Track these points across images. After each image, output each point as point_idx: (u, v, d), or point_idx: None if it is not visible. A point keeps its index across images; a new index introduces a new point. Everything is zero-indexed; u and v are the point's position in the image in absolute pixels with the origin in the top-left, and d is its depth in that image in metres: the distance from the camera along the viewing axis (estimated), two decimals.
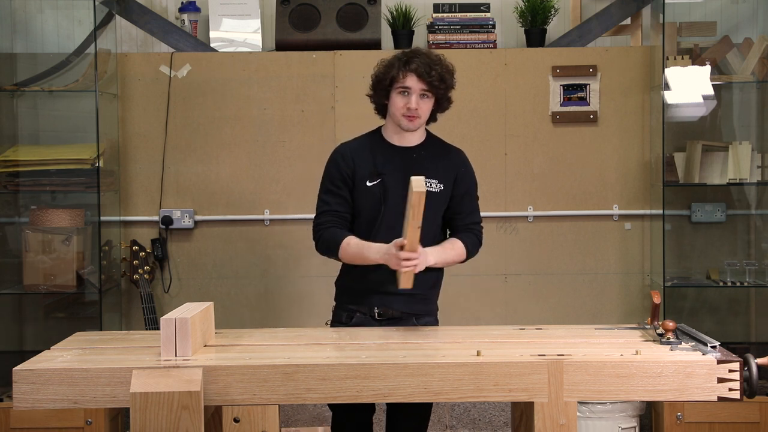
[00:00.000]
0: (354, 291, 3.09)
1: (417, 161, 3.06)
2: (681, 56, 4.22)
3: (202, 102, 4.35)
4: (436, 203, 3.05)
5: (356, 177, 3.03)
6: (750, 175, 4.22)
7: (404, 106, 2.99)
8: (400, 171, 3.03)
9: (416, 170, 3.01)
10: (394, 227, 2.97)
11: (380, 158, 3.05)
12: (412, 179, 2.64)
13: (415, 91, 2.97)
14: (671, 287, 4.22)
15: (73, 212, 4.22)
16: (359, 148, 3.09)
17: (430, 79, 2.95)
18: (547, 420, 2.41)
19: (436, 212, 3.08)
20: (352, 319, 3.09)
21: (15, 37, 4.45)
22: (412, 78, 2.96)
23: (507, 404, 4.18)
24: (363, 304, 3.08)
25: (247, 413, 2.46)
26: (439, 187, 3.06)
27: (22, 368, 2.40)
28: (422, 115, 3.01)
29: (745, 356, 2.43)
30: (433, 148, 3.12)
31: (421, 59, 2.97)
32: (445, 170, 3.08)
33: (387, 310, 3.07)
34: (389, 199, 3.02)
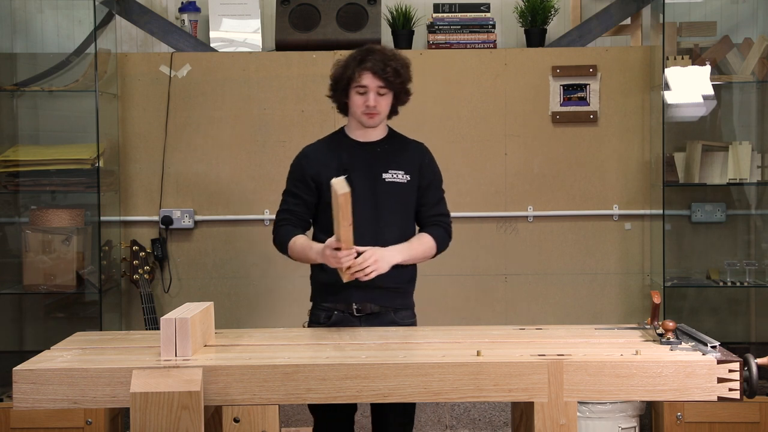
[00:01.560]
0: (330, 288, 3.09)
1: (381, 155, 3.12)
2: (681, 56, 4.22)
3: (202, 102, 4.35)
4: (405, 194, 3.11)
5: (322, 176, 3.08)
6: (750, 175, 4.22)
7: (363, 104, 3.05)
8: (365, 165, 3.09)
9: (381, 163, 3.09)
10: (365, 220, 3.01)
11: (345, 155, 3.11)
12: (332, 182, 2.70)
13: (371, 89, 3.03)
14: (671, 287, 4.22)
15: (73, 212, 4.22)
16: (323, 148, 3.17)
17: (385, 75, 3.01)
18: (547, 420, 2.41)
19: (407, 203, 3.13)
20: (331, 318, 3.10)
21: (15, 37, 4.45)
22: (368, 76, 3.02)
23: (507, 404, 4.18)
24: (340, 301, 3.09)
25: (247, 413, 2.45)
26: (406, 178, 3.11)
27: (22, 368, 2.40)
28: (381, 111, 3.07)
29: (745, 356, 2.43)
30: (396, 142, 3.18)
31: (376, 57, 3.02)
32: (409, 161, 3.14)
33: (366, 305, 3.08)
34: (356, 193, 3.02)
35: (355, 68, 3.03)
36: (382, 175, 3.09)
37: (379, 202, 3.06)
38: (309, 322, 3.20)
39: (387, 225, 3.06)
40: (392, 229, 3.07)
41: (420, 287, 3.23)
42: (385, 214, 3.07)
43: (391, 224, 3.07)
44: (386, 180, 3.08)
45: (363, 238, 2.98)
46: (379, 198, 3.06)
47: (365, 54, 3.04)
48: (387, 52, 3.06)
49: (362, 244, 2.97)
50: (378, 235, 3.03)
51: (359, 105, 3.05)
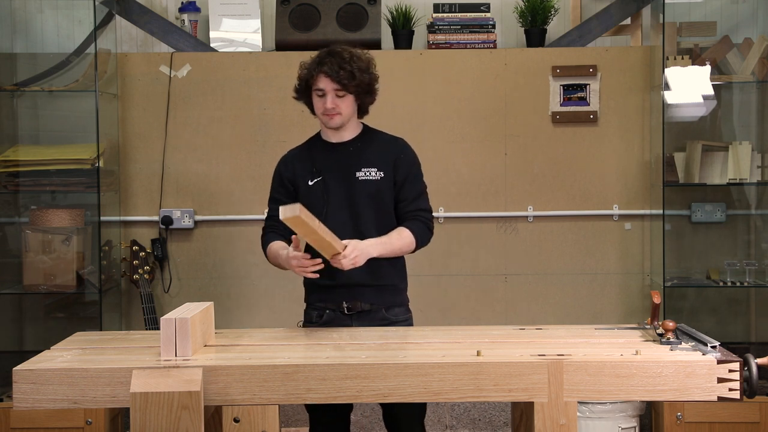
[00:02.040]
0: (321, 288, 3.11)
1: (353, 154, 3.13)
2: (681, 56, 4.22)
3: (202, 102, 4.35)
4: (380, 191, 3.11)
5: (298, 180, 3.14)
6: (750, 175, 4.22)
7: (322, 107, 3.07)
8: (338, 166, 3.12)
9: (353, 162, 3.11)
10: (342, 220, 3.05)
11: (319, 157, 3.15)
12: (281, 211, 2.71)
13: (328, 91, 3.05)
14: (671, 287, 4.22)
15: (73, 212, 4.22)
16: (300, 152, 3.22)
17: (339, 78, 3.01)
18: (547, 420, 2.41)
19: (383, 200, 3.12)
20: (323, 317, 3.12)
21: (15, 37, 4.46)
22: (324, 79, 3.04)
23: (507, 404, 4.18)
24: (330, 300, 3.11)
25: (247, 413, 2.45)
26: (379, 175, 3.11)
27: (22, 368, 2.40)
28: (343, 111, 3.07)
29: (745, 356, 2.43)
30: (368, 139, 3.18)
31: (333, 59, 3.03)
32: (382, 157, 3.13)
33: (356, 304, 3.08)
34: (331, 194, 3.09)
35: (312, 71, 3.06)
36: (355, 174, 3.10)
37: (355, 201, 3.08)
38: (303, 322, 3.21)
39: (365, 223, 3.07)
40: (370, 227, 3.08)
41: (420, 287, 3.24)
42: (363, 213, 3.08)
43: (368, 222, 3.08)
44: (360, 178, 3.09)
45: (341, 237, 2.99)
46: (354, 197, 3.08)
47: (323, 56, 3.06)
48: (345, 54, 3.06)
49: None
50: (357, 235, 3.04)
51: (319, 107, 3.09)
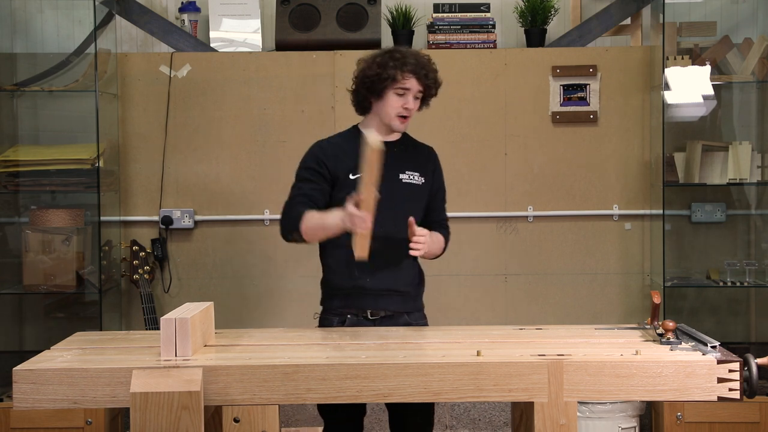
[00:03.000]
0: (345, 293, 3.06)
1: (397, 156, 3.08)
2: (681, 56, 4.22)
3: (202, 102, 4.35)
4: (419, 196, 3.10)
5: (339, 170, 3.03)
6: (750, 175, 4.22)
7: (401, 107, 3.00)
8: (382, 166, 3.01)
9: (397, 164, 3.06)
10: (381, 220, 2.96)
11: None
12: (367, 136, 2.66)
13: (413, 92, 3.00)
14: (671, 287, 4.22)
15: (73, 212, 4.22)
16: (340, 143, 3.11)
17: (427, 81, 2.99)
18: (547, 420, 2.41)
19: (419, 205, 3.11)
20: (345, 322, 3.06)
21: (15, 37, 4.46)
22: (412, 80, 2.98)
23: (507, 404, 4.18)
24: (354, 305, 3.06)
25: (247, 413, 2.45)
26: (421, 180, 3.11)
27: (22, 368, 2.39)
28: (412, 115, 3.07)
29: (745, 356, 2.43)
30: (410, 144, 3.18)
31: (417, 62, 2.99)
32: (424, 165, 3.14)
33: (379, 310, 3.06)
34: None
35: (397, 69, 2.97)
36: (398, 176, 3.06)
37: (396, 202, 3.02)
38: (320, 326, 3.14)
39: (403, 226, 3.01)
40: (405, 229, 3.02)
41: None
42: (402, 215, 3.01)
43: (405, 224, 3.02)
44: (403, 181, 3.07)
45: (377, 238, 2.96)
46: (395, 198, 3.03)
47: (404, 56, 2.99)
48: (423, 58, 3.02)
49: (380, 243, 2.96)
50: (394, 236, 3.01)
51: (396, 107, 3.00)
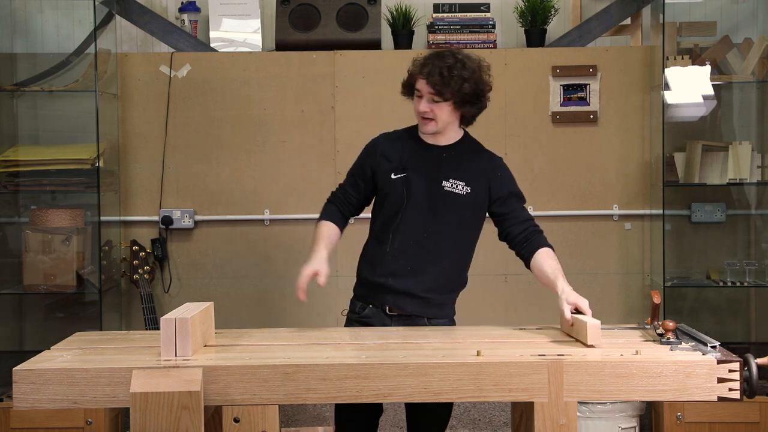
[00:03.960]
0: (369, 285, 3.09)
1: (446, 160, 3.04)
2: (681, 56, 4.22)
3: (202, 102, 4.35)
4: (463, 207, 3.03)
5: (381, 169, 3.05)
6: (750, 175, 4.22)
7: (417, 109, 3.00)
8: (426, 168, 3.02)
9: (443, 169, 3.02)
10: (414, 223, 2.99)
11: (409, 153, 3.05)
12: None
13: (425, 94, 2.96)
14: (671, 287, 4.22)
15: (73, 212, 4.22)
16: (394, 140, 3.11)
17: (434, 83, 2.92)
18: (547, 420, 2.41)
19: (463, 216, 3.04)
20: (365, 309, 3.10)
21: (15, 37, 4.46)
22: (422, 82, 2.96)
23: (507, 404, 4.18)
24: (375, 298, 3.08)
25: (247, 413, 2.45)
26: (466, 190, 3.02)
27: (22, 368, 2.39)
28: (437, 118, 2.98)
29: (745, 356, 2.43)
30: (466, 150, 3.08)
31: (436, 62, 2.94)
32: (475, 173, 3.04)
33: (398, 309, 3.07)
34: (412, 195, 3.01)
35: (415, 71, 2.98)
36: (441, 182, 3.01)
37: (432, 208, 3.00)
38: (348, 311, 3.18)
39: (436, 233, 3.01)
40: (443, 239, 3.02)
41: None
42: (437, 223, 3.00)
43: (443, 233, 3.02)
44: (444, 188, 3.00)
45: (406, 242, 2.99)
46: (432, 204, 3.00)
47: (429, 58, 2.98)
48: (449, 58, 2.95)
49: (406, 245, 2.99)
50: (424, 241, 3.01)
51: (416, 109, 3.00)
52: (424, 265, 3.04)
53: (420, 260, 3.03)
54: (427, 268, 3.04)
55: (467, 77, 2.94)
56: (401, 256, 3.02)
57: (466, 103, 2.99)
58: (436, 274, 3.05)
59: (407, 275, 3.02)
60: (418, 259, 3.03)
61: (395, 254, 3.03)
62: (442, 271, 3.06)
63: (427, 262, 3.03)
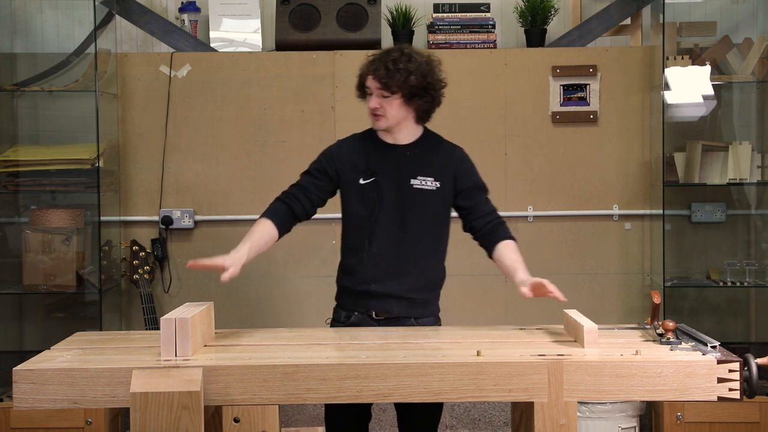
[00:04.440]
0: (352, 292, 3.08)
1: (410, 159, 3.04)
2: (681, 56, 4.22)
3: (202, 102, 4.35)
4: (434, 202, 3.04)
5: (347, 175, 3.03)
6: (750, 175, 4.22)
7: (369, 107, 3.00)
8: (393, 169, 3.02)
9: (409, 168, 3.02)
10: (389, 226, 2.99)
11: (374, 156, 3.04)
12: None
13: (373, 90, 2.97)
14: (671, 287, 4.22)
15: (73, 212, 4.22)
16: (355, 145, 3.09)
17: (380, 77, 2.92)
18: (547, 420, 2.41)
19: (434, 211, 3.05)
20: (350, 318, 3.08)
21: (15, 37, 4.46)
22: (370, 78, 2.97)
23: (507, 404, 4.18)
24: (360, 305, 3.07)
25: (247, 413, 2.45)
26: (435, 185, 3.03)
27: (22, 368, 2.39)
28: (388, 114, 2.97)
29: (745, 356, 2.43)
30: (428, 146, 3.08)
31: (382, 58, 2.96)
32: (442, 167, 3.05)
33: (383, 313, 3.06)
34: (383, 199, 3.01)
35: (363, 69, 3.00)
36: (409, 181, 3.01)
37: (405, 208, 3.00)
38: (331, 320, 3.17)
39: (410, 233, 3.01)
40: (421, 237, 3.02)
41: None
42: (411, 222, 3.00)
43: (416, 232, 3.02)
44: (414, 186, 3.00)
45: (383, 245, 2.99)
46: (404, 205, 3.00)
47: (377, 55, 3.00)
48: (395, 53, 2.96)
49: (383, 249, 2.99)
50: (401, 242, 3.00)
51: (368, 107, 3.00)
52: (405, 266, 3.02)
53: (401, 262, 3.02)
54: (408, 268, 3.03)
55: (413, 70, 2.94)
56: (381, 260, 3.01)
57: (415, 96, 2.97)
58: (417, 274, 3.05)
59: (389, 278, 3.01)
60: (399, 260, 3.02)
61: (374, 259, 3.01)
62: (423, 270, 3.06)
63: (407, 262, 3.02)
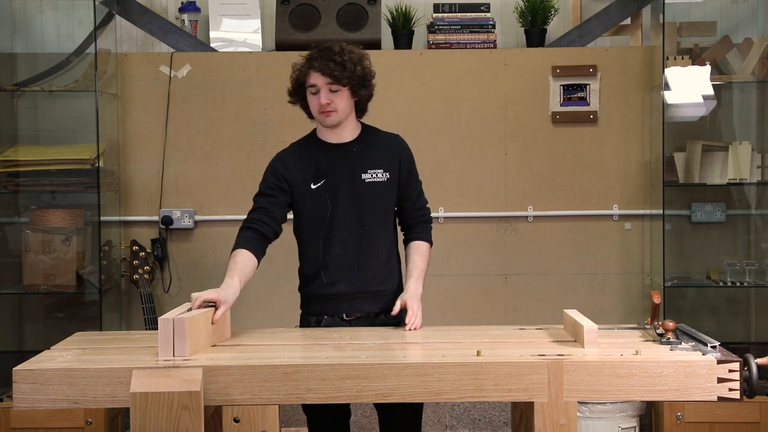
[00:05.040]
0: (319, 297, 3.07)
1: (357, 155, 3.05)
2: (681, 56, 4.22)
3: (202, 102, 4.35)
4: (385, 192, 3.05)
5: (298, 182, 3.02)
6: (750, 175, 4.22)
7: (317, 104, 2.98)
8: (343, 168, 3.03)
9: (358, 164, 3.03)
10: (347, 222, 2.99)
11: (321, 159, 3.04)
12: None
13: (321, 86, 2.96)
14: (671, 287, 4.22)
15: (73, 212, 4.22)
16: (298, 152, 3.08)
17: (330, 71, 2.93)
18: (547, 420, 2.41)
19: (387, 202, 3.07)
20: (321, 322, 3.07)
21: (15, 37, 4.46)
22: (316, 75, 2.96)
23: (507, 404, 4.17)
24: (328, 309, 3.06)
25: (247, 413, 2.45)
26: (386, 176, 3.05)
27: (22, 368, 2.39)
28: (338, 108, 2.98)
29: (745, 356, 2.43)
30: (371, 139, 3.10)
31: (322, 54, 2.96)
32: (388, 158, 3.07)
33: (354, 313, 3.06)
34: (337, 198, 3.01)
35: (304, 69, 2.99)
36: (361, 176, 3.02)
37: (361, 204, 3.01)
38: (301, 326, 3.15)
39: (370, 227, 3.02)
40: (375, 231, 3.04)
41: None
42: (368, 216, 3.02)
43: (373, 226, 3.03)
44: (366, 181, 3.02)
45: (346, 242, 2.99)
46: (360, 200, 3.01)
47: (313, 54, 2.99)
48: (335, 47, 2.97)
49: (346, 248, 2.99)
50: (361, 238, 3.01)
51: (314, 105, 2.99)
52: (367, 260, 3.03)
53: (363, 257, 3.02)
54: (371, 262, 3.04)
55: (356, 60, 2.98)
56: (344, 259, 3.00)
57: (361, 87, 3.00)
58: (381, 265, 3.05)
59: (354, 275, 3.01)
60: (361, 256, 3.02)
61: (337, 259, 3.01)
62: (385, 261, 3.07)
63: (369, 256, 3.03)
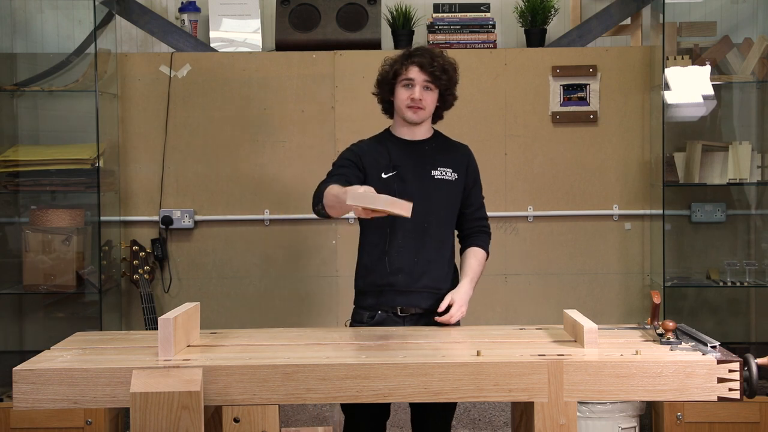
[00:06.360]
0: (373, 291, 3.10)
1: (429, 153, 3.14)
2: (681, 56, 4.22)
3: (202, 102, 4.35)
4: (452, 192, 3.13)
5: (372, 168, 3.08)
6: (750, 175, 4.22)
7: (408, 98, 3.05)
8: (414, 163, 3.10)
9: (429, 161, 3.11)
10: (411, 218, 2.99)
11: (395, 152, 3.12)
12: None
13: (418, 82, 3.04)
14: (671, 287, 4.22)
15: (73, 212, 4.22)
16: (373, 144, 3.17)
17: (432, 69, 3.03)
18: (547, 420, 2.41)
19: (454, 201, 3.15)
20: (374, 317, 3.09)
21: (15, 37, 4.46)
22: (415, 69, 3.04)
23: (507, 404, 4.18)
24: (385, 303, 3.09)
25: (247, 413, 2.45)
26: (454, 176, 3.13)
27: (22, 368, 2.40)
28: (426, 106, 3.08)
29: (745, 356, 2.43)
30: (442, 142, 3.21)
31: (424, 52, 3.06)
32: (457, 160, 3.17)
33: (410, 308, 3.08)
34: (406, 190, 3.05)
35: (402, 62, 3.06)
36: (431, 172, 3.10)
37: (429, 198, 3.07)
38: (351, 322, 3.18)
39: (434, 222, 3.08)
40: (439, 227, 3.08)
41: None
42: (434, 211, 3.07)
43: (438, 222, 3.08)
44: (435, 177, 3.10)
45: (408, 235, 3.03)
46: (428, 194, 3.08)
47: (414, 50, 3.08)
48: (435, 50, 3.09)
49: (409, 240, 3.03)
50: (425, 232, 3.05)
51: (404, 99, 3.06)
52: (429, 254, 3.07)
53: (425, 250, 3.07)
54: (432, 256, 3.08)
55: (453, 68, 3.11)
56: (405, 251, 3.05)
57: (449, 94, 3.13)
58: (444, 264, 3.11)
59: (418, 269, 3.05)
60: (423, 249, 3.06)
61: (399, 250, 3.06)
62: (447, 260, 3.13)
63: (431, 250, 3.08)
